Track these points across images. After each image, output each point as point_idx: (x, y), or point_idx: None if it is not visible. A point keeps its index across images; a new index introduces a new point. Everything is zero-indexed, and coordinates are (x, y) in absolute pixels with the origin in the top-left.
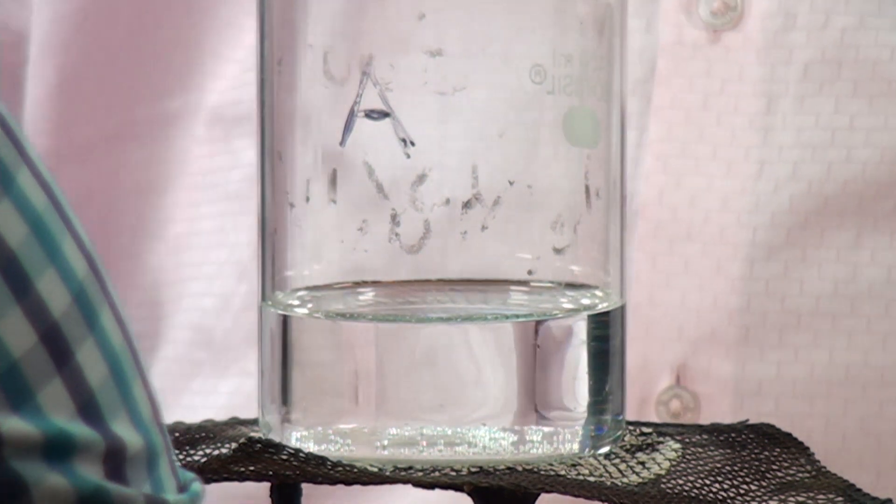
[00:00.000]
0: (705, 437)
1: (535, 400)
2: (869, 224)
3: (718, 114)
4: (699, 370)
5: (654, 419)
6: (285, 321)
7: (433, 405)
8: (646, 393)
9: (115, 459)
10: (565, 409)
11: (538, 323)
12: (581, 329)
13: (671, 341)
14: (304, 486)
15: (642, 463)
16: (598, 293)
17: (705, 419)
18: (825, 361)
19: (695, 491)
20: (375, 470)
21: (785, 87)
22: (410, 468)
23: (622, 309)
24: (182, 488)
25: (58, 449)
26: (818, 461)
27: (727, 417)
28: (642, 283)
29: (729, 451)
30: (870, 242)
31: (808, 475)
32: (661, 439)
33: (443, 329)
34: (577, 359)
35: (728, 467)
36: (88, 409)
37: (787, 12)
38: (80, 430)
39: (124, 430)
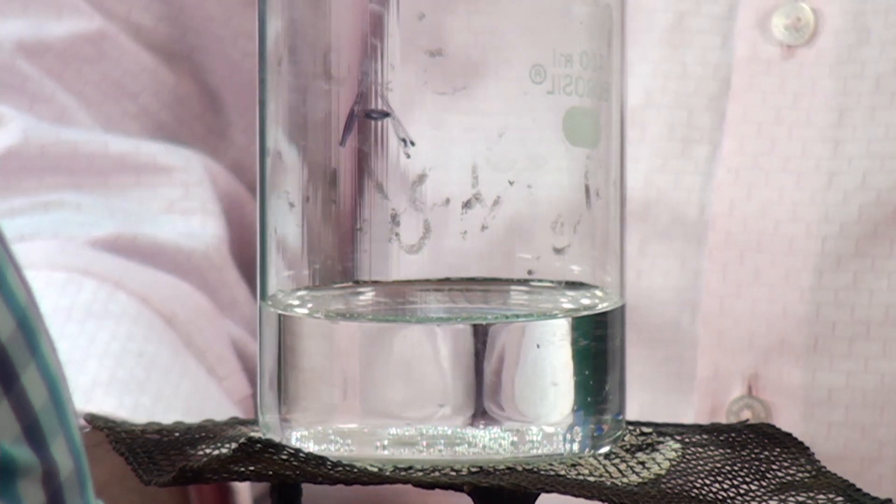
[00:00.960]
0: (705, 436)
1: (536, 400)
2: None
3: (790, 127)
4: (770, 380)
5: None
6: (285, 321)
7: (434, 405)
8: (717, 402)
9: (53, 484)
10: (565, 408)
11: (538, 323)
12: (581, 329)
13: (742, 351)
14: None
15: (642, 463)
16: (599, 293)
17: None
18: (895, 371)
19: (695, 491)
20: (375, 470)
21: (857, 100)
22: (410, 468)
23: (622, 309)
24: None
25: (4, 473)
26: (818, 461)
27: (798, 427)
28: (713, 293)
29: (729, 450)
30: None
31: (808, 475)
32: (661, 439)
33: (443, 329)
34: (578, 359)
35: (728, 467)
36: (32, 431)
37: (861, 27)
38: (22, 453)
39: (60, 454)
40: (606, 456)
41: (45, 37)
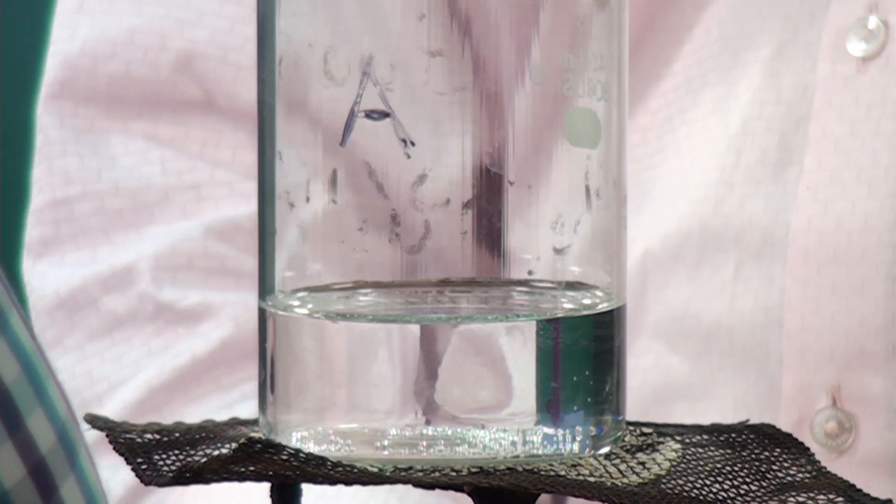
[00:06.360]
0: (705, 437)
1: (536, 400)
2: None
3: (863, 139)
4: (853, 390)
5: (810, 441)
6: (285, 321)
7: (434, 405)
8: (803, 415)
9: None
10: (565, 409)
11: (538, 323)
12: (581, 329)
13: (824, 363)
14: None
15: (642, 463)
16: (599, 293)
17: (861, 439)
18: None
19: (695, 491)
20: (375, 470)
21: None
22: (410, 468)
23: (622, 309)
24: None
25: None
26: (818, 461)
27: (883, 436)
28: (794, 308)
29: (729, 451)
30: None
31: (808, 475)
32: (661, 439)
33: (443, 330)
34: (578, 359)
35: (728, 467)
36: None
37: None
38: None
39: None
40: (607, 456)
41: (232, 217)
